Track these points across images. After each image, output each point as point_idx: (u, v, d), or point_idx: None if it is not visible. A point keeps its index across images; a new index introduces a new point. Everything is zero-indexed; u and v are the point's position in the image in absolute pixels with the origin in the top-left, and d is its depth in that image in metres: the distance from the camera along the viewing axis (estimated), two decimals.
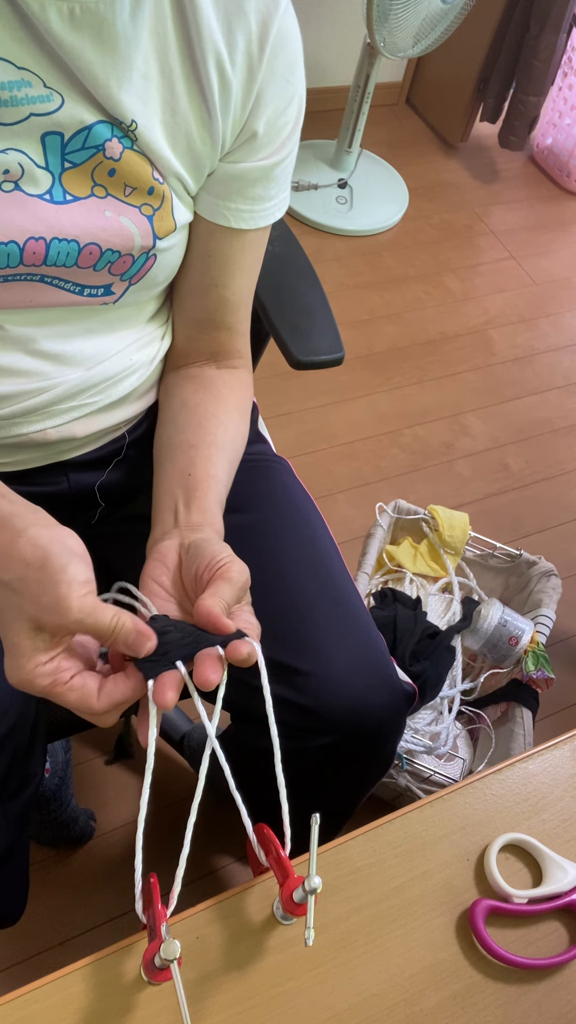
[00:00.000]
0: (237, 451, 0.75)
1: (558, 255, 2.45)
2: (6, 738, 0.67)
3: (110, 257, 0.64)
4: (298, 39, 0.66)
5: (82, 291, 0.66)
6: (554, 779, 0.68)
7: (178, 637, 0.53)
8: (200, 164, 0.66)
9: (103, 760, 1.30)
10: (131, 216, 0.63)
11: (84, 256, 0.63)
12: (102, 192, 0.62)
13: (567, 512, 1.82)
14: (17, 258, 0.60)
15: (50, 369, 0.69)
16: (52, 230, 0.60)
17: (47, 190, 0.60)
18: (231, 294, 0.74)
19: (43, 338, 0.67)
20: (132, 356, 0.74)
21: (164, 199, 0.65)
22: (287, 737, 0.73)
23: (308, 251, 1.03)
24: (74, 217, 0.61)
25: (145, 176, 0.63)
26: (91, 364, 0.71)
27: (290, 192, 0.74)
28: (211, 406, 0.75)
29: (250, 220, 0.70)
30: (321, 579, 0.78)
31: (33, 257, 0.61)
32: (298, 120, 0.69)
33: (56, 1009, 0.52)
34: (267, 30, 0.62)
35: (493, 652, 1.27)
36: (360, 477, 1.79)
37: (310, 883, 0.50)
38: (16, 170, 0.58)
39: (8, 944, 1.14)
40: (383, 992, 0.56)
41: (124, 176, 0.62)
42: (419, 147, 2.66)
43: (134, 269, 0.67)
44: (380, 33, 1.89)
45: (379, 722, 0.74)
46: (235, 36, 0.61)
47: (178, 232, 0.68)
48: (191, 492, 0.67)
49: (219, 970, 0.55)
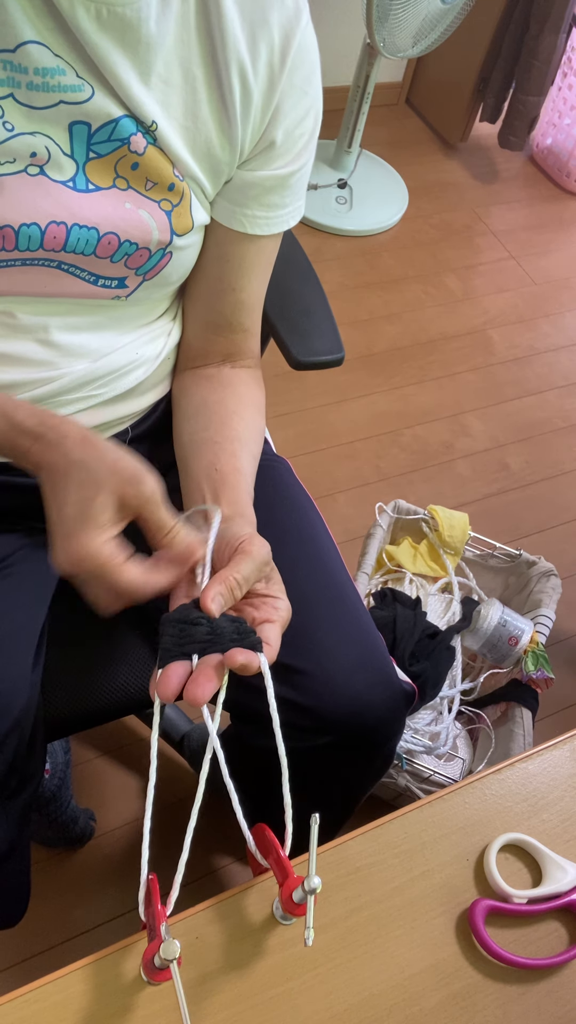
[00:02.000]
0: (258, 445, 0.77)
1: (558, 255, 2.45)
2: (6, 738, 0.67)
3: (127, 249, 0.65)
4: (316, 51, 0.67)
5: (96, 281, 0.67)
6: (554, 779, 0.68)
7: (203, 633, 0.54)
8: (218, 170, 0.67)
9: (119, 763, 1.30)
10: (150, 210, 0.65)
11: (103, 245, 0.64)
12: (124, 184, 0.63)
13: (567, 512, 1.82)
14: (38, 241, 0.61)
15: (58, 359, 0.70)
16: (74, 216, 0.61)
17: (71, 177, 0.61)
18: (247, 297, 0.76)
19: (55, 328, 0.69)
20: (138, 350, 0.75)
21: (184, 196, 0.66)
22: (286, 736, 0.73)
23: (308, 251, 1.03)
24: (95, 206, 0.62)
25: (166, 173, 0.64)
26: (97, 356, 0.72)
27: (304, 202, 0.75)
28: (231, 403, 0.76)
29: (265, 226, 0.72)
30: (321, 579, 0.78)
31: (53, 242, 0.62)
32: (314, 131, 0.70)
33: (56, 1009, 0.52)
34: (289, 42, 0.63)
35: (493, 652, 1.27)
36: (360, 477, 1.79)
37: (310, 883, 0.50)
38: (43, 154, 0.59)
39: (8, 944, 1.14)
40: (383, 992, 0.56)
41: (146, 171, 0.63)
42: (419, 147, 2.66)
43: (150, 264, 0.68)
44: (380, 33, 1.89)
45: (379, 722, 0.74)
46: (258, 47, 0.62)
47: (195, 232, 0.69)
48: (219, 487, 0.69)
49: (219, 970, 0.55)
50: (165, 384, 0.82)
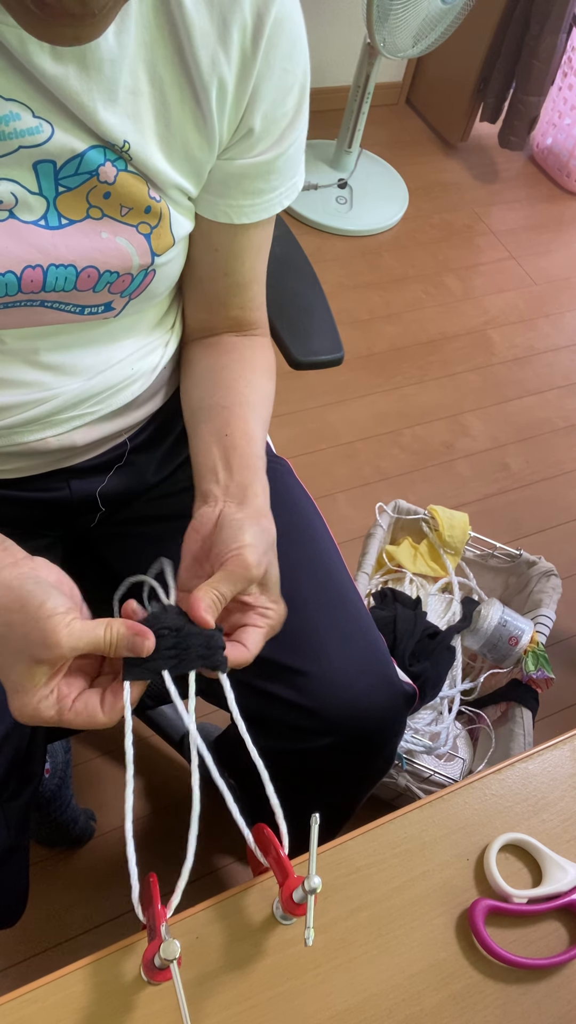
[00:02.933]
0: (268, 409, 0.75)
1: (558, 255, 2.44)
2: (6, 738, 0.67)
3: (109, 278, 0.63)
4: (299, 22, 0.62)
5: (83, 311, 0.65)
6: (554, 779, 0.68)
7: (168, 646, 0.53)
8: (199, 169, 0.64)
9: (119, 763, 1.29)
10: (128, 236, 0.62)
11: (83, 279, 0.62)
12: (98, 214, 0.60)
13: (567, 512, 1.82)
14: (15, 287, 0.59)
15: (51, 380, 0.68)
16: (48, 257, 0.59)
17: (42, 215, 0.58)
18: (241, 278, 0.73)
19: (44, 350, 0.67)
20: (134, 366, 0.74)
21: (162, 217, 0.63)
22: (287, 737, 0.73)
23: (308, 251, 1.03)
24: (70, 241, 0.60)
25: (141, 196, 0.61)
26: (91, 374, 0.70)
27: (303, 176, 0.71)
28: (237, 368, 0.74)
29: (252, 214, 0.68)
30: (321, 579, 0.78)
31: (31, 285, 0.60)
32: (299, 108, 0.65)
33: (56, 1009, 0.52)
34: (263, 20, 0.59)
35: (493, 652, 1.27)
36: (360, 477, 1.79)
37: (310, 883, 0.50)
38: (9, 199, 0.57)
39: (8, 944, 1.14)
40: (383, 992, 0.56)
41: (120, 197, 0.60)
42: (419, 147, 2.66)
43: (133, 286, 0.66)
44: (380, 33, 1.89)
45: (379, 722, 0.74)
46: (230, 33, 0.58)
47: (177, 245, 0.67)
48: (230, 451, 0.67)
49: (219, 970, 0.55)
50: (162, 395, 0.81)
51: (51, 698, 0.52)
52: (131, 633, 0.52)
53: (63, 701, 0.52)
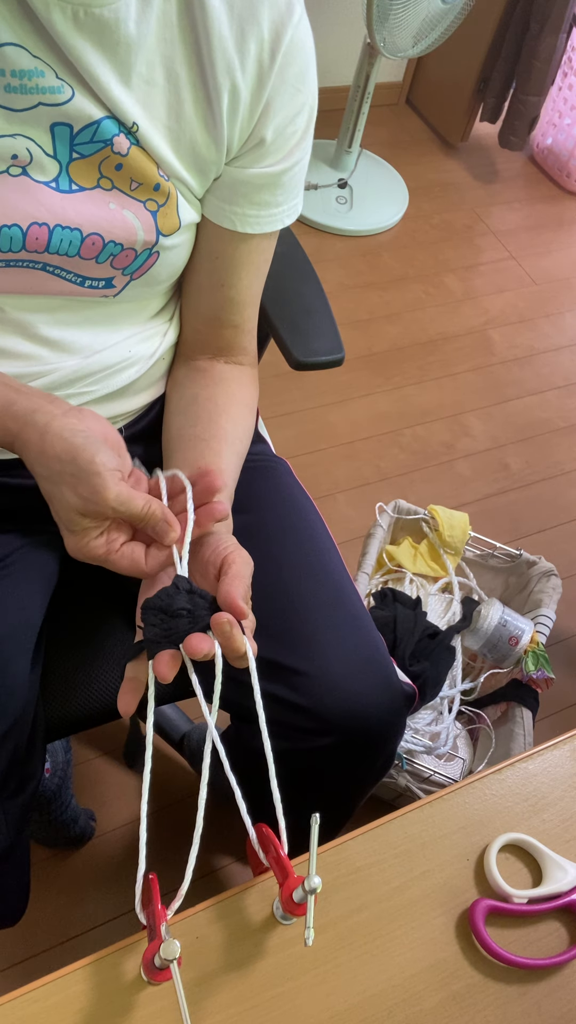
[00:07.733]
0: (245, 444, 0.77)
1: (558, 255, 2.44)
2: (6, 738, 0.67)
3: (112, 250, 0.65)
4: (311, 49, 0.66)
5: (83, 282, 0.67)
6: (554, 779, 0.68)
7: (185, 624, 0.55)
8: (205, 168, 0.66)
9: (119, 763, 1.30)
10: (135, 210, 0.64)
11: (86, 246, 0.63)
12: (108, 184, 0.63)
13: (567, 512, 1.82)
14: (20, 242, 0.61)
15: (47, 354, 0.70)
16: (56, 217, 0.61)
17: (54, 178, 0.61)
18: (237, 294, 0.75)
19: (42, 324, 0.68)
20: (132, 348, 0.75)
21: (169, 196, 0.65)
22: (287, 738, 0.73)
23: (308, 251, 1.03)
24: (78, 206, 0.62)
25: (151, 173, 0.63)
26: (88, 352, 0.72)
27: (302, 200, 0.74)
28: (221, 400, 0.76)
29: (256, 224, 0.71)
30: (320, 580, 0.78)
31: (36, 243, 0.61)
32: (308, 129, 0.69)
33: (56, 1009, 0.52)
34: (279, 39, 0.62)
35: (493, 652, 1.27)
36: (360, 477, 1.79)
37: (310, 883, 0.50)
38: (24, 155, 0.59)
39: (8, 944, 1.14)
40: (383, 992, 0.56)
41: (130, 171, 0.63)
42: (419, 147, 2.66)
43: (136, 264, 0.67)
44: (380, 33, 1.89)
45: (379, 723, 0.74)
46: (247, 44, 0.62)
47: (183, 231, 0.69)
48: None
49: (219, 970, 0.55)
50: (160, 385, 0.82)
51: (100, 540, 0.59)
52: (163, 518, 0.59)
53: (111, 544, 0.60)
